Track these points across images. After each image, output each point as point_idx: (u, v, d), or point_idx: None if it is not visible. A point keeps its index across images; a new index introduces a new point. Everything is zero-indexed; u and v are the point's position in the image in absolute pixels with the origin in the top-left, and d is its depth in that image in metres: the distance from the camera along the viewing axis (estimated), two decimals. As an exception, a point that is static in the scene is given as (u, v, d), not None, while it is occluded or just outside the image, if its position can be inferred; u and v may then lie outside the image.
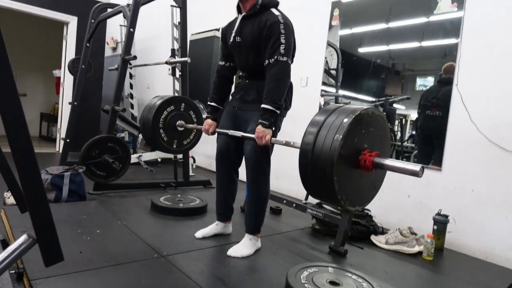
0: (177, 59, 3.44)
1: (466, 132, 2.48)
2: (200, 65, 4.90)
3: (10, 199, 2.52)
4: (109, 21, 4.89)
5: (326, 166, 1.26)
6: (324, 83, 3.57)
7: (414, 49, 3.03)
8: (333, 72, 3.67)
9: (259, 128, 1.82)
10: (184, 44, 3.56)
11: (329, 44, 3.53)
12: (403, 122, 3.39)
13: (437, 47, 2.83)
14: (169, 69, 5.29)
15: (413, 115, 3.21)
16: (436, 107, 2.75)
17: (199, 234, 2.19)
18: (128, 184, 3.33)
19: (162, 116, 2.39)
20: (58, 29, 5.86)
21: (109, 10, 4.12)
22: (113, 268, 1.66)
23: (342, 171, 1.28)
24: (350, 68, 3.55)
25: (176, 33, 3.82)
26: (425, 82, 3.00)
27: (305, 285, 1.54)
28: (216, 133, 2.17)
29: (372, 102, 3.48)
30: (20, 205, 1.91)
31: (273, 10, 1.89)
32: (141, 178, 3.84)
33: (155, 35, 5.83)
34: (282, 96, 1.86)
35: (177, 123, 2.44)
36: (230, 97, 2.20)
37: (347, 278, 1.64)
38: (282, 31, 1.81)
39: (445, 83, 2.68)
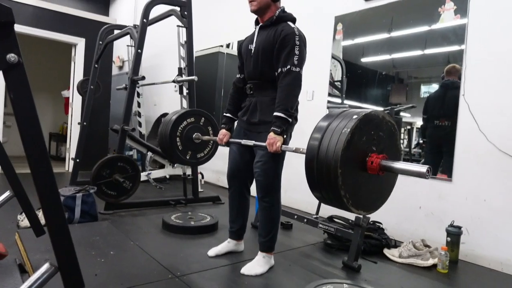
0: (184, 77, 3.49)
1: (475, 142, 2.48)
2: (205, 81, 4.97)
3: (23, 222, 2.55)
4: (115, 41, 5.00)
5: (332, 160, 1.25)
6: (329, 94, 3.60)
7: (417, 57, 3.05)
8: (338, 83, 3.71)
9: (271, 135, 1.84)
10: (191, 63, 3.61)
11: (333, 57, 3.57)
12: (410, 130, 3.39)
13: (441, 54, 2.85)
14: (175, 86, 5.37)
15: (419, 122, 3.22)
16: (444, 117, 2.76)
17: (212, 252, 2.19)
18: (138, 203, 3.35)
19: (181, 125, 2.42)
20: (66, 51, 5.98)
21: (116, 31, 4.22)
22: (128, 291, 1.67)
23: (348, 169, 1.27)
24: (354, 78, 3.58)
25: (183, 52, 3.89)
26: (429, 89, 3.01)
27: (321, 303, 1.53)
28: (228, 149, 2.20)
29: (377, 112, 3.49)
30: (35, 229, 1.94)
31: (290, 23, 1.95)
32: (151, 195, 3.86)
33: (161, 53, 5.93)
34: (294, 105, 1.89)
35: (194, 135, 2.47)
36: (238, 117, 2.22)
37: (363, 295, 1.64)
38: (297, 42, 1.87)
39: (449, 88, 2.69)
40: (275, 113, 1.85)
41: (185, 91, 3.74)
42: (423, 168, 1.24)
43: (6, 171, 1.78)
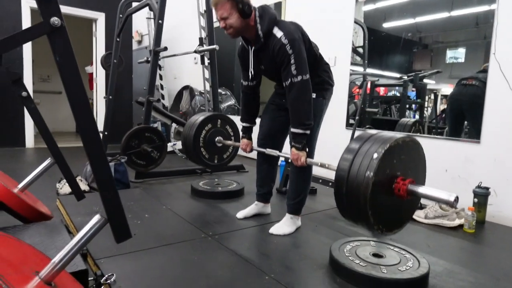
0: (206, 47, 3.49)
1: (505, 102, 2.42)
2: (224, 52, 4.94)
3: (62, 190, 2.71)
4: (133, 14, 5.01)
5: (360, 199, 1.31)
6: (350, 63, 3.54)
7: (443, 19, 2.94)
8: (360, 50, 3.63)
9: (293, 151, 1.88)
10: (211, 32, 3.61)
11: (355, 22, 3.48)
12: (435, 97, 3.32)
13: (469, 16, 2.74)
14: (195, 59, 5.38)
15: (444, 89, 3.14)
16: (473, 78, 2.68)
17: (240, 214, 2.28)
18: (166, 172, 3.47)
19: (201, 136, 2.51)
20: (86, 26, 6.05)
21: (134, 4, 4.22)
22: (166, 248, 1.78)
23: (376, 193, 1.32)
24: (376, 45, 3.49)
25: (203, 22, 3.87)
26: (455, 54, 2.92)
27: (349, 257, 1.59)
28: (261, 115, 2.25)
29: (399, 78, 3.42)
30: (76, 193, 2.07)
31: (276, 31, 1.84)
32: (177, 165, 3.98)
33: (179, 24, 5.90)
34: (308, 114, 1.85)
35: (216, 139, 2.56)
36: (274, 91, 2.24)
37: (389, 251, 1.69)
38: (290, 51, 1.79)
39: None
40: (292, 129, 1.87)
41: (206, 61, 3.75)
42: (451, 197, 1.27)
43: (47, 142, 1.90)
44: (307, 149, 1.90)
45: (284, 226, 2.07)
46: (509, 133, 2.41)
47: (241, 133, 2.32)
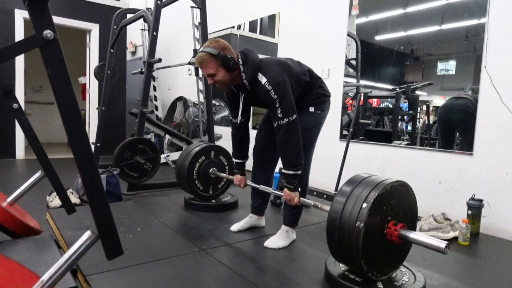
0: (200, 59, 3.50)
1: (497, 115, 2.44)
2: (220, 64, 4.97)
3: (53, 202, 2.66)
4: (128, 26, 5.03)
5: (352, 249, 1.35)
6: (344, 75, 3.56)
7: (434, 32, 2.99)
8: (353, 62, 3.66)
9: (286, 191, 1.90)
10: (206, 44, 3.62)
11: (348, 34, 3.52)
12: (427, 108, 3.36)
13: (459, 29, 2.79)
14: (189, 69, 5.40)
15: (436, 100, 3.17)
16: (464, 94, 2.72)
17: (235, 227, 2.25)
18: (159, 184, 3.44)
19: (195, 169, 2.55)
20: (80, 37, 6.04)
21: (129, 15, 4.23)
22: (158, 263, 1.74)
23: (369, 251, 1.36)
24: (368, 57, 3.53)
25: (197, 33, 3.89)
26: (446, 66, 2.96)
27: (345, 272, 1.57)
28: (257, 129, 2.25)
29: (392, 90, 3.46)
30: (66, 207, 2.03)
31: (260, 77, 1.85)
32: (171, 177, 3.93)
33: (174, 36, 5.93)
34: (298, 155, 1.85)
35: (210, 171, 2.57)
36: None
37: (385, 265, 1.67)
38: (275, 96, 1.80)
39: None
40: (283, 171, 1.88)
41: (200, 73, 3.75)
42: (442, 244, 1.31)
43: (38, 154, 1.86)
44: (299, 189, 1.91)
45: (279, 239, 2.05)
46: (502, 145, 2.43)
47: (234, 170, 2.31)
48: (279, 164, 2.08)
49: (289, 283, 1.60)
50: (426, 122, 3.31)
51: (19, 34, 5.02)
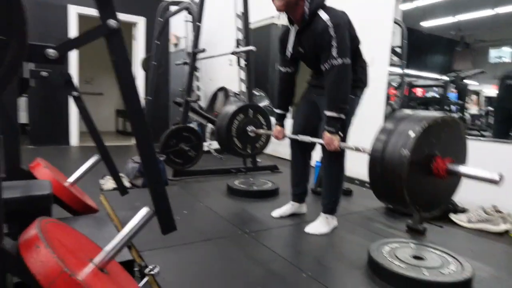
0: (242, 48, 3.55)
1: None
2: (258, 54, 4.99)
3: (106, 185, 2.85)
4: (170, 19, 5.18)
5: (395, 180, 1.28)
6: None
7: (486, 17, 2.82)
8: (398, 50, 3.54)
9: (326, 135, 1.87)
10: (248, 34, 3.65)
11: (394, 21, 3.40)
12: (478, 98, 3.20)
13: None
14: (230, 60, 5.47)
15: (487, 90, 3.01)
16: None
17: (276, 213, 2.30)
18: (203, 171, 3.56)
19: (234, 126, 2.57)
20: (126, 30, 6.30)
21: (171, 7, 4.36)
22: (205, 243, 1.83)
23: (413, 183, 1.29)
24: (414, 45, 3.40)
25: (239, 23, 3.93)
26: (500, 53, 2.79)
27: (388, 259, 1.57)
28: (293, 115, 2.25)
29: (437, 79, 3.32)
30: (120, 189, 2.17)
31: (321, 13, 1.85)
32: (213, 164, 4.06)
33: (215, 27, 6.02)
34: (345, 99, 1.84)
35: (248, 129, 2.60)
36: (307, 85, 2.25)
37: (430, 253, 1.64)
38: (333, 34, 1.79)
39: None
40: (326, 113, 1.86)
41: (242, 62, 3.81)
42: (494, 175, 1.20)
43: (95, 139, 2.01)
44: (341, 134, 1.88)
45: (320, 225, 2.07)
46: (562, 135, 2.27)
47: (274, 121, 2.33)
48: (319, 151, 2.09)
49: (331, 267, 1.63)
50: (477, 112, 3.16)
51: (73, 29, 5.34)
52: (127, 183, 2.90)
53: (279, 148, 4.76)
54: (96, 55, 7.37)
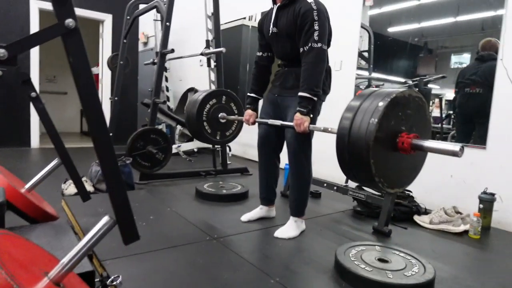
0: (212, 49, 3.51)
1: (512, 108, 2.41)
2: (229, 55, 4.96)
3: (68, 190, 2.72)
4: (140, 16, 5.06)
5: (363, 149, 1.28)
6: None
7: (449, 25, 2.94)
8: (365, 54, 3.63)
9: (297, 115, 1.87)
10: (218, 35, 3.62)
11: (361, 26, 3.48)
12: (440, 102, 3.32)
13: (475, 21, 2.74)
14: (200, 61, 5.40)
15: (448, 94, 3.13)
16: (475, 84, 2.68)
17: (245, 217, 2.28)
18: (171, 174, 3.48)
19: (205, 110, 2.49)
20: (93, 28, 6.09)
21: (141, 6, 4.25)
22: (171, 250, 1.78)
23: (379, 154, 1.29)
24: (381, 49, 3.49)
25: (209, 24, 3.89)
26: (460, 59, 2.91)
27: (355, 262, 1.59)
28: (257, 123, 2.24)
29: (404, 83, 3.42)
30: (82, 194, 2.08)
31: None
32: (182, 167, 3.99)
33: (186, 27, 5.93)
34: (319, 83, 1.88)
35: (219, 115, 2.54)
36: (270, 85, 2.26)
37: (395, 256, 1.68)
38: (316, 17, 1.83)
39: (485, 60, 2.60)
40: (300, 93, 1.87)
41: (212, 63, 3.77)
42: (456, 147, 1.24)
43: (55, 142, 1.90)
44: (311, 115, 1.89)
45: (289, 229, 2.07)
46: (516, 140, 2.40)
47: (246, 105, 2.30)
48: (286, 154, 2.09)
49: (299, 272, 1.63)
50: (440, 115, 3.28)
51: (34, 25, 5.08)
52: (90, 188, 2.78)
53: (250, 150, 4.75)
54: (60, 51, 7.06)
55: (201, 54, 3.42)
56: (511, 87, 2.41)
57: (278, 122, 2.03)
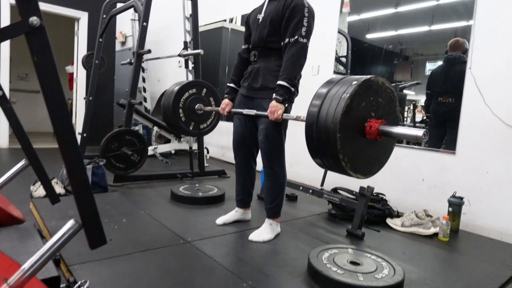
0: (190, 51, 3.48)
1: (480, 115, 2.50)
2: (209, 57, 4.93)
3: (37, 192, 2.63)
4: (118, 15, 4.96)
5: (331, 125, 1.28)
6: (333, 72, 3.59)
7: (424, 33, 3.03)
8: (342, 59, 3.69)
9: (273, 103, 1.87)
10: (196, 36, 3.60)
11: (339, 31, 3.54)
12: (414, 107, 3.41)
13: (448, 30, 2.83)
14: (179, 62, 5.36)
15: (423, 100, 3.23)
16: (448, 93, 2.77)
17: (220, 220, 2.27)
18: (146, 176, 3.42)
19: (183, 97, 2.45)
20: (68, 26, 5.93)
21: (119, 4, 4.17)
22: (142, 254, 1.74)
23: (347, 134, 1.30)
24: (359, 55, 3.56)
25: (188, 26, 3.86)
26: (434, 67, 3.01)
27: (327, 265, 1.60)
28: (233, 121, 2.23)
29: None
30: (50, 197, 2.01)
31: None
32: (158, 169, 3.94)
33: (165, 27, 5.87)
34: (298, 75, 1.92)
35: (196, 106, 2.50)
36: (241, 87, 2.23)
37: (366, 258, 1.71)
38: (306, 14, 1.88)
39: (454, 63, 2.69)
40: (278, 82, 1.88)
41: (190, 65, 3.74)
42: (419, 132, 1.27)
43: (22, 143, 1.83)
44: (286, 105, 1.91)
45: (264, 232, 2.07)
46: (483, 145, 2.50)
47: (225, 94, 2.26)
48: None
49: (272, 275, 1.63)
50: (413, 121, 3.36)
51: (5, 20, 4.90)
52: (61, 190, 2.70)
53: (228, 152, 4.73)
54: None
55: (179, 55, 3.39)
56: (479, 95, 2.51)
57: (252, 112, 2.01)
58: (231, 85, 2.24)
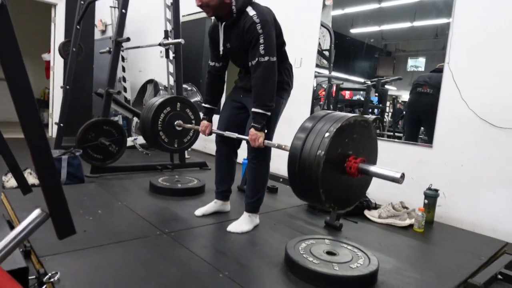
0: (171, 40, 3.41)
1: (456, 110, 2.55)
2: (192, 47, 4.87)
3: (8, 183, 2.54)
4: (97, 2, 4.80)
5: (312, 177, 1.32)
6: (316, 65, 3.59)
7: (406, 29, 3.06)
8: (326, 53, 3.70)
9: (252, 131, 1.86)
10: (177, 26, 3.53)
11: (322, 25, 3.54)
12: (395, 102, 3.46)
13: (429, 27, 2.87)
14: (161, 52, 5.26)
15: (404, 95, 3.27)
16: (427, 85, 2.82)
17: (199, 212, 2.25)
18: (125, 167, 3.36)
19: (160, 119, 2.43)
20: (44, 12, 5.72)
21: (98, -9, 4.04)
22: (117, 245, 1.71)
23: (328, 180, 1.34)
24: (342, 49, 3.58)
25: (169, 14, 3.78)
26: (416, 63, 3.05)
27: (303, 255, 1.61)
28: (220, 113, 2.21)
29: (363, 83, 3.53)
30: (22, 187, 1.94)
31: (249, 10, 1.86)
32: (137, 160, 3.87)
33: (146, 16, 5.74)
34: (271, 96, 1.86)
35: (175, 123, 2.48)
36: (235, 85, 2.21)
37: (343, 249, 1.73)
38: (260, 31, 1.80)
39: (439, 72, 2.73)
40: (253, 109, 1.85)
41: (171, 55, 3.67)
42: (397, 174, 1.32)
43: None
44: (265, 131, 1.89)
45: (242, 224, 2.07)
46: (459, 139, 2.55)
47: (201, 115, 2.26)
48: (245, 149, 2.08)
49: (249, 266, 1.63)
50: (394, 116, 3.41)
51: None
52: (35, 180, 2.62)
53: (210, 144, 4.70)
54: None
55: (159, 44, 3.31)
56: (455, 89, 2.55)
57: (233, 135, 2.02)
58: (207, 105, 2.22)
